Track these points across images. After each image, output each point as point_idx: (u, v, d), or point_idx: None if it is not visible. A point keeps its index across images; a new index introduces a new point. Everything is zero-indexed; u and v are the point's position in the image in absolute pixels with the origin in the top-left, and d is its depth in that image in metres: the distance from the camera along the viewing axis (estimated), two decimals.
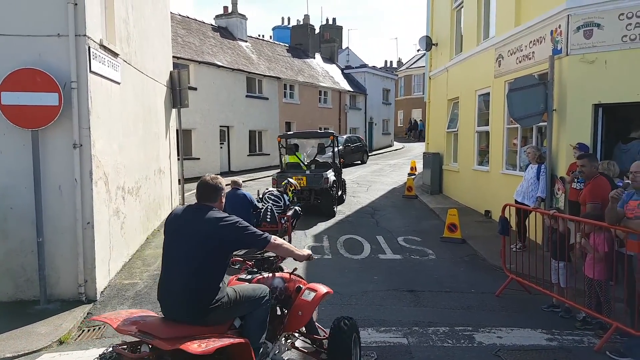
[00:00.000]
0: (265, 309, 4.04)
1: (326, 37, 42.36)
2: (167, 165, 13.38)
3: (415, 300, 7.18)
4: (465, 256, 9.60)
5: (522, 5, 10.87)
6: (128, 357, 3.40)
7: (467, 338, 5.82)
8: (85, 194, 7.08)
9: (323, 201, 13.46)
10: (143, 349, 3.44)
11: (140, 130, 10.32)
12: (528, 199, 9.17)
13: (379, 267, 8.81)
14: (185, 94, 14.14)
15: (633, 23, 8.07)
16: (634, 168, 5.38)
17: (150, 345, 3.39)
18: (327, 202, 13.49)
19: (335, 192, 14.01)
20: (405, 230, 11.72)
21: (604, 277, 5.80)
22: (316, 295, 4.45)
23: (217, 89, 24.32)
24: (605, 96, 8.54)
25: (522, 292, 7.37)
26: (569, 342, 5.72)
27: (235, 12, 29.91)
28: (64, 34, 6.77)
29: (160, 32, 12.77)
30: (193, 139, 22.98)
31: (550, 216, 6.62)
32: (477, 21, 13.55)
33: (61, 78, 6.74)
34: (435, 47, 18.06)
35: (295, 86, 31.44)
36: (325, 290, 4.58)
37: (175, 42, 21.78)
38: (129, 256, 9.33)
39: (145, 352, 3.41)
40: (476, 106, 13.82)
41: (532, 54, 10.12)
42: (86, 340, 6.05)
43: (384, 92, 44.82)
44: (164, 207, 12.95)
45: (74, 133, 6.91)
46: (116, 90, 8.49)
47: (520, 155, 11.09)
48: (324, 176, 13.29)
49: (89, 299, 7.15)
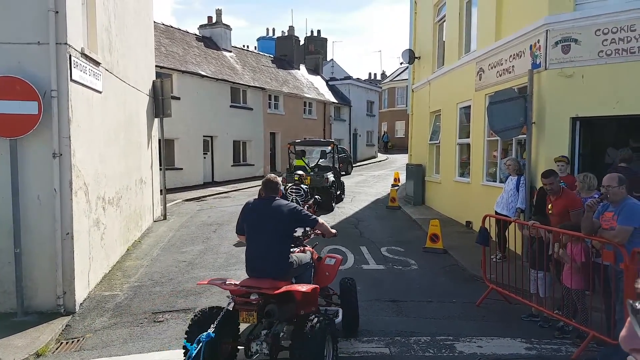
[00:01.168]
0: (310, 270, 5.74)
1: (311, 49, 42.58)
2: (149, 175, 13.30)
3: (397, 310, 7.20)
4: (446, 266, 9.66)
5: (502, 20, 11.06)
6: (242, 302, 4.78)
7: (448, 347, 5.85)
8: (65, 204, 7.01)
9: (324, 198, 15.07)
10: (252, 297, 4.77)
11: (121, 139, 10.26)
12: (508, 210, 9.27)
13: (362, 277, 8.80)
14: (168, 103, 14.10)
15: (609, 39, 8.26)
16: (605, 181, 5.50)
17: (257, 294, 4.74)
18: (327, 198, 15.97)
19: (334, 191, 16.95)
20: (388, 241, 11.76)
21: (581, 287, 5.89)
22: (336, 261, 6.12)
23: (201, 98, 24.26)
24: (582, 109, 8.70)
25: (502, 302, 7.43)
26: (547, 351, 5.78)
27: (219, 22, 29.96)
28: (45, 41, 6.73)
29: (143, 41, 12.74)
30: (176, 148, 22.86)
31: (529, 227, 6.71)
32: (459, 35, 13.75)
33: (41, 86, 6.69)
34: (418, 60, 18.26)
35: (280, 97, 31.51)
36: (341, 257, 6.29)
37: (159, 52, 21.74)
38: (109, 267, 9.23)
39: (256, 298, 4.77)
40: (457, 119, 13.98)
41: (512, 68, 10.29)
42: (64, 353, 5.96)
43: (368, 104, 45.11)
44: (145, 218, 12.85)
45: (53, 142, 6.85)
46: (97, 99, 8.44)
47: (500, 167, 11.22)
48: (325, 177, 16.38)
49: (68, 310, 7.05)
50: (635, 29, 7.98)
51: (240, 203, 12.73)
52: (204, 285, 8.26)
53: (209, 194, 20.87)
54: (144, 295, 7.95)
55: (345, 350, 5.72)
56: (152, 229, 13.10)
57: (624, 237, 5.24)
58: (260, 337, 4.82)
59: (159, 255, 10.43)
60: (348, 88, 41.54)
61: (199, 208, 17.09)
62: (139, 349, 5.95)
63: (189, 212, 16.03)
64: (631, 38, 8.05)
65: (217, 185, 24.13)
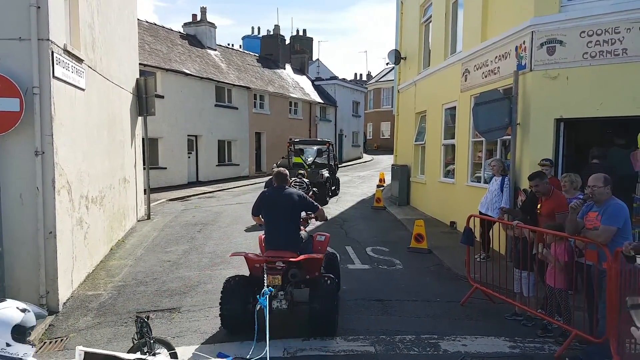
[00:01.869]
0: (310, 243, 6.96)
1: (297, 49, 42.54)
2: (133, 174, 13.18)
3: (382, 309, 7.22)
4: (431, 266, 9.70)
5: (488, 21, 11.14)
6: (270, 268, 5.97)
7: (432, 346, 5.88)
8: (48, 203, 6.91)
9: (319, 191, 17.19)
10: (278, 264, 6.02)
11: (105, 138, 10.15)
12: (492, 210, 9.34)
13: (347, 277, 8.81)
14: (152, 101, 13.97)
15: (593, 41, 8.36)
16: (591, 182, 5.55)
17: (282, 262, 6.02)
18: (322, 192, 17.77)
19: (329, 186, 19.01)
20: (373, 241, 11.79)
21: (564, 286, 5.95)
22: (325, 238, 7.22)
23: (185, 97, 24.10)
24: (566, 111, 8.80)
25: (486, 301, 7.49)
26: (530, 350, 5.84)
27: (204, 20, 29.75)
28: (26, 37, 6.63)
29: (126, 39, 12.63)
30: (160, 148, 22.68)
31: (513, 227, 6.76)
32: (445, 36, 13.82)
33: (23, 83, 6.59)
34: (404, 61, 18.34)
35: (266, 96, 31.42)
36: (329, 235, 7.38)
37: (142, 49, 21.56)
38: (93, 267, 9.12)
39: (280, 265, 6.01)
40: (443, 120, 14.06)
41: (498, 69, 10.37)
42: (47, 353, 5.88)
43: (354, 105, 45.20)
44: (129, 218, 12.74)
45: (36, 140, 6.75)
46: (80, 96, 8.34)
47: (484, 168, 11.31)
48: (320, 173, 18.47)
49: (51, 310, 6.95)
50: (620, 32, 8.09)
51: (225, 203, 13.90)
52: (188, 285, 8.22)
53: (194, 194, 20.74)
54: (128, 294, 7.87)
55: (330, 349, 5.73)
56: (136, 229, 12.99)
57: (607, 237, 5.30)
58: (278, 297, 6.00)
59: (143, 255, 10.34)
60: (334, 88, 41.58)
61: (184, 208, 16.98)
62: (123, 348, 5.84)
63: (173, 212, 15.92)
64: (615, 40, 8.15)
65: (201, 185, 23.99)
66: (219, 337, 6.19)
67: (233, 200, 19.14)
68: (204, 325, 6.50)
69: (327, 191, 18.53)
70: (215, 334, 6.27)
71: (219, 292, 7.76)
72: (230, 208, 16.78)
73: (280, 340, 5.97)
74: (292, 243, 6.36)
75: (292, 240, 6.39)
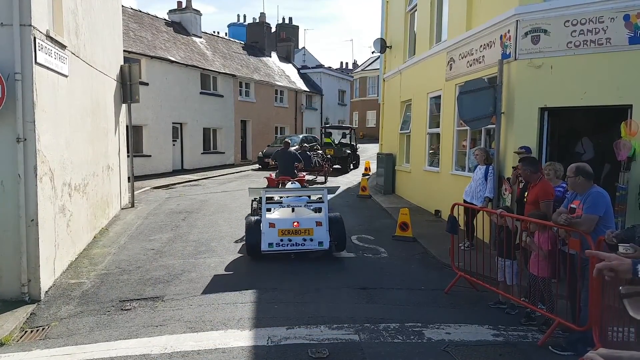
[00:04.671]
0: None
1: (282, 36, 42.27)
2: (116, 162, 13.05)
3: (367, 297, 7.25)
4: (416, 254, 9.76)
5: (473, 10, 11.15)
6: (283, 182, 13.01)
7: (416, 334, 5.91)
8: (29, 190, 6.83)
9: (342, 164, 25.67)
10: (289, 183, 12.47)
11: (88, 125, 10.02)
12: (476, 199, 9.41)
13: (332, 265, 8.85)
14: (136, 89, 13.81)
15: (577, 30, 8.40)
16: (569, 172, 5.62)
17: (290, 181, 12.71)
18: (344, 164, 25.79)
19: (350, 160, 26.40)
20: (359, 229, 11.82)
21: (547, 275, 6.02)
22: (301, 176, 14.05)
23: (170, 84, 23.87)
24: (550, 100, 8.86)
25: (470, 289, 7.56)
26: (514, 338, 5.90)
27: (189, 7, 29.42)
28: (8, 22, 6.51)
29: (110, 25, 12.44)
30: (144, 135, 22.49)
31: (497, 215, 6.82)
32: (430, 25, 13.81)
33: (4, 69, 6.49)
34: (389, 50, 18.30)
35: (251, 84, 31.23)
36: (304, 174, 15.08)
37: (127, 36, 21.28)
38: (76, 255, 9.04)
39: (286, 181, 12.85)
40: (428, 108, 14.09)
41: (482, 58, 10.39)
42: (29, 342, 5.83)
43: (340, 93, 45.13)
44: (113, 205, 12.63)
45: (17, 127, 6.64)
46: (63, 83, 8.21)
47: (469, 156, 11.37)
48: (343, 150, 25.79)
49: (33, 298, 6.90)
50: (603, 21, 8.13)
51: (210, 191, 16.78)
52: (172, 273, 8.19)
53: (178, 182, 20.61)
54: (111, 283, 7.82)
55: (314, 337, 5.74)
56: (120, 217, 12.88)
57: (589, 226, 5.36)
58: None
59: (126, 243, 10.27)
60: (320, 77, 41.46)
61: (168, 196, 16.88)
62: (106, 337, 5.85)
63: (157, 200, 15.82)
64: (599, 30, 8.20)
65: (186, 173, 23.85)
66: (202, 326, 6.18)
67: (218, 188, 19.06)
68: (188, 314, 6.48)
69: (348, 163, 26.04)
70: (199, 322, 6.26)
71: (203, 280, 7.82)
72: (215, 196, 16.71)
73: (264, 328, 5.98)
74: (289, 174, 13.35)
75: (289, 172, 13.42)
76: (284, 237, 8.78)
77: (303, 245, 8.82)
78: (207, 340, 5.65)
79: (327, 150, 24.30)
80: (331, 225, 9.10)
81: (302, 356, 5.28)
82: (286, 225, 8.89)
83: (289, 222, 8.95)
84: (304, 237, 8.82)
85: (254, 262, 8.88)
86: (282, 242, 8.75)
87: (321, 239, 8.85)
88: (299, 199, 10.12)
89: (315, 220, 9.02)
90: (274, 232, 8.76)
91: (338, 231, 9.15)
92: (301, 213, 9.55)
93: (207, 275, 8.14)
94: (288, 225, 8.89)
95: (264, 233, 8.74)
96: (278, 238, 8.75)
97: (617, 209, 7.49)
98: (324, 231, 8.91)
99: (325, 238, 8.88)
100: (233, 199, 16.18)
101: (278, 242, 8.73)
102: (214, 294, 7.22)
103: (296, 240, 8.80)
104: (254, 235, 8.82)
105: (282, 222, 8.98)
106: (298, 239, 8.81)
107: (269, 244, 8.69)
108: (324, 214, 9.18)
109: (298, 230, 8.86)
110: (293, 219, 9.09)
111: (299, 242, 8.80)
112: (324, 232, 8.90)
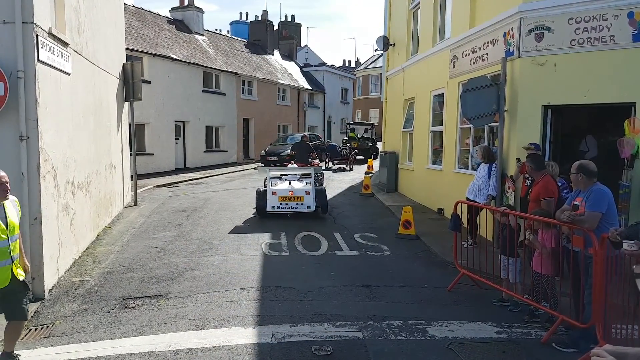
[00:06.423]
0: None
1: (285, 34, 42.24)
2: (119, 160, 13.06)
3: (370, 295, 7.24)
4: (419, 252, 9.75)
5: (476, 7, 11.11)
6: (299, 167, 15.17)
7: (420, 331, 5.91)
8: (33, 189, 6.83)
9: (364, 155, 28.79)
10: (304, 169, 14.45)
11: (91, 123, 10.03)
12: (479, 197, 9.39)
13: (335, 263, 8.85)
14: (139, 87, 13.82)
15: (581, 27, 8.37)
16: (572, 170, 5.63)
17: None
18: (367, 155, 28.82)
19: (371, 152, 29.72)
20: (361, 227, 11.81)
21: (551, 272, 6.01)
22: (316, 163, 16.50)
23: (172, 82, 23.88)
24: (554, 98, 8.83)
25: (473, 287, 7.55)
26: (517, 335, 5.90)
27: (191, 4, 29.43)
28: (10, 20, 6.51)
29: (113, 23, 12.45)
30: (147, 133, 22.51)
31: (500, 213, 6.81)
32: (433, 22, 13.77)
33: (7, 67, 6.48)
34: (392, 48, 18.25)
35: (254, 82, 31.22)
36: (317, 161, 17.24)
37: (129, 34, 21.28)
38: (79, 253, 9.06)
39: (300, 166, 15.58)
40: (431, 106, 14.05)
41: (486, 56, 10.36)
42: (33, 340, 5.83)
43: (342, 91, 45.09)
44: (116, 204, 12.65)
45: (20, 125, 6.65)
46: (66, 81, 8.21)
47: (472, 154, 11.34)
48: (366, 143, 30.12)
49: (37, 297, 6.91)
50: (607, 18, 8.10)
51: (213, 190, 16.92)
52: (175, 271, 8.20)
53: (181, 180, 20.63)
54: (115, 281, 7.83)
55: (318, 335, 5.75)
56: (123, 215, 12.90)
57: (592, 223, 5.34)
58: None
59: (130, 241, 10.28)
60: (322, 75, 41.43)
61: (171, 194, 16.89)
62: (110, 335, 5.86)
63: (160, 198, 15.83)
64: (603, 27, 8.16)
65: (189, 172, 23.87)
66: (206, 323, 6.18)
67: (221, 186, 19.07)
68: (192, 312, 6.49)
69: (370, 155, 29.13)
70: (203, 320, 6.26)
71: (206, 278, 7.83)
72: (218, 195, 16.72)
73: (267, 326, 5.98)
74: (304, 161, 15.41)
75: (304, 160, 15.47)
76: (283, 202, 12.15)
77: (296, 208, 12.22)
78: (211, 338, 5.66)
79: (352, 143, 28.88)
80: (317, 194, 12.51)
81: (306, 353, 5.29)
82: (284, 193, 12.26)
83: (287, 191, 12.32)
84: (297, 202, 12.20)
85: (256, 263, 8.88)
86: (281, 205, 12.15)
87: (309, 204, 12.22)
88: (295, 176, 13.48)
89: (305, 190, 12.39)
90: (275, 198, 12.14)
91: (322, 199, 12.69)
92: (295, 185, 12.78)
93: (210, 273, 8.14)
94: (285, 193, 12.26)
95: (269, 199, 12.13)
96: (278, 202, 12.12)
97: (621, 207, 7.47)
98: (311, 198, 12.27)
99: (312, 203, 12.25)
100: (236, 197, 16.20)
101: (278, 205, 12.12)
102: (217, 292, 7.22)
103: (291, 205, 12.20)
104: (262, 200, 12.32)
105: (282, 191, 12.33)
106: (292, 203, 12.21)
107: (272, 207, 12.09)
108: (312, 186, 12.66)
109: (292, 197, 12.23)
110: (289, 189, 12.49)
111: (293, 206, 12.21)
112: (311, 199, 12.26)
